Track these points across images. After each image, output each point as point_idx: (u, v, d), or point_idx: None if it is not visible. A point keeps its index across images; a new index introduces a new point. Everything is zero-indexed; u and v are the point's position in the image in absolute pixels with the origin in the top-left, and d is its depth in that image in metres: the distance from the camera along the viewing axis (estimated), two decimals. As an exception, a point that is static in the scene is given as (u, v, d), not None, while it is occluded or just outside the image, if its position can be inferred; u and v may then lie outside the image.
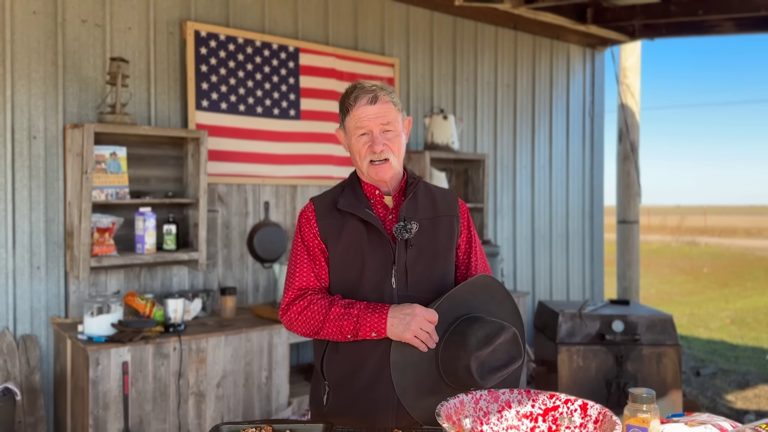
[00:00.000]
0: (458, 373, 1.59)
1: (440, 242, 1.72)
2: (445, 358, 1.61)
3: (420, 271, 1.68)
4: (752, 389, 5.18)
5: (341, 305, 1.63)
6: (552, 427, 1.50)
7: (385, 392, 1.64)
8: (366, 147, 1.68)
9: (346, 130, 1.74)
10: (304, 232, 1.72)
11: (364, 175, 1.73)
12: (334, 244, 1.69)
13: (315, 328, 1.65)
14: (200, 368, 2.94)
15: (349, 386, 1.68)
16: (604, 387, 3.34)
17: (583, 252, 5.69)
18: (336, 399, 1.70)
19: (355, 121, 1.69)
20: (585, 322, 3.41)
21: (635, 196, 5.79)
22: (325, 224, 1.70)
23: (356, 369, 1.67)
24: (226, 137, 3.56)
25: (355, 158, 1.72)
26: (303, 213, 1.75)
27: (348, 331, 1.62)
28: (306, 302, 1.67)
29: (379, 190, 1.73)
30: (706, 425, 1.40)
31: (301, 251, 1.72)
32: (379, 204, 1.73)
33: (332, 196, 1.75)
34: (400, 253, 1.66)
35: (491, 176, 4.95)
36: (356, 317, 1.60)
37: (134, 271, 3.32)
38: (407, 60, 4.44)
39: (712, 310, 9.24)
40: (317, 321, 1.65)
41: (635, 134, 5.78)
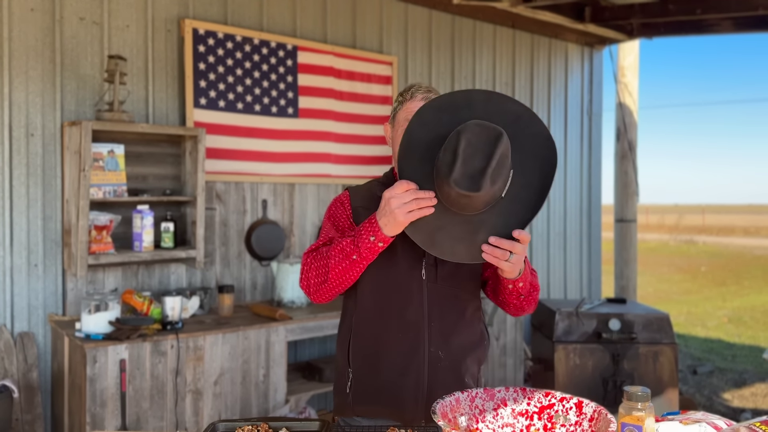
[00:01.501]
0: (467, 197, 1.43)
1: None
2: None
3: (451, 265, 1.65)
4: (749, 388, 5.20)
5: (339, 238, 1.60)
6: (547, 425, 1.51)
7: (415, 380, 1.64)
8: None
9: (394, 123, 1.72)
10: (336, 214, 1.71)
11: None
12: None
13: (323, 266, 1.59)
14: (197, 366, 2.94)
15: (375, 373, 1.67)
16: (601, 385, 3.35)
17: (581, 250, 5.70)
18: (360, 387, 1.68)
19: (406, 114, 1.66)
20: (582, 320, 3.42)
21: (633, 194, 5.79)
22: (359, 209, 1.68)
23: (382, 354, 1.66)
24: (224, 135, 3.57)
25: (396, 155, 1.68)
26: (337, 199, 1.73)
27: (350, 250, 1.55)
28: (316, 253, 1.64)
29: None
30: (701, 423, 1.41)
31: (326, 226, 1.71)
32: None
33: (369, 187, 1.74)
34: None
35: (489, 175, 4.95)
36: (353, 235, 1.57)
37: (132, 269, 3.32)
38: (405, 58, 4.44)
39: (710, 309, 9.26)
40: (324, 257, 1.59)
41: (633, 133, 5.79)
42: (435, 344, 1.66)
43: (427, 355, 1.65)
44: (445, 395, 1.47)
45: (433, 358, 1.66)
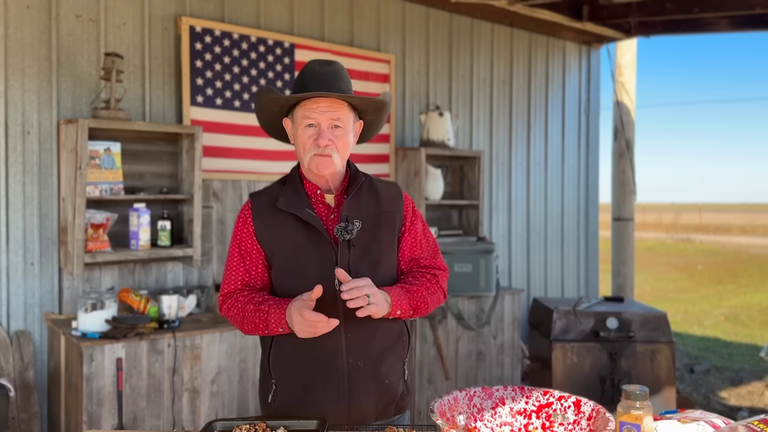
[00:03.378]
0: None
1: (383, 240, 1.68)
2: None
3: (364, 272, 1.63)
4: (746, 386, 5.21)
5: (255, 302, 1.61)
6: (545, 423, 1.51)
7: (335, 389, 1.62)
8: (311, 140, 1.62)
9: (293, 120, 1.67)
10: (239, 233, 1.69)
11: (304, 168, 1.67)
12: (272, 247, 1.65)
13: (239, 325, 1.66)
14: (195, 364, 2.93)
15: (297, 381, 1.65)
16: (598, 384, 3.36)
17: (578, 249, 5.70)
18: (283, 395, 1.66)
19: (304, 111, 1.63)
20: (579, 319, 3.42)
21: (630, 193, 5.80)
22: (262, 225, 1.66)
23: (302, 365, 1.64)
24: (221, 133, 3.55)
25: (299, 150, 1.66)
26: (240, 212, 1.71)
27: (262, 328, 1.60)
28: (231, 302, 1.67)
29: (320, 190, 1.68)
30: (698, 422, 1.41)
31: (233, 252, 1.70)
32: (321, 203, 1.68)
33: (272, 193, 1.70)
34: (342, 253, 1.62)
35: (487, 173, 4.95)
36: (266, 313, 1.58)
37: (128, 267, 3.31)
38: (403, 56, 4.43)
39: (707, 308, 9.28)
40: (237, 320, 1.65)
41: (630, 132, 5.79)
42: (353, 354, 1.63)
43: (346, 366, 1.63)
44: (442, 396, 1.46)
45: (352, 368, 1.63)
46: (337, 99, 1.63)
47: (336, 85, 1.65)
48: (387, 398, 1.69)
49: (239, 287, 1.69)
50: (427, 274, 1.75)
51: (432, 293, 1.72)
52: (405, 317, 1.67)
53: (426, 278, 1.73)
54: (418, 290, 1.68)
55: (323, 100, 1.62)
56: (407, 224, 1.76)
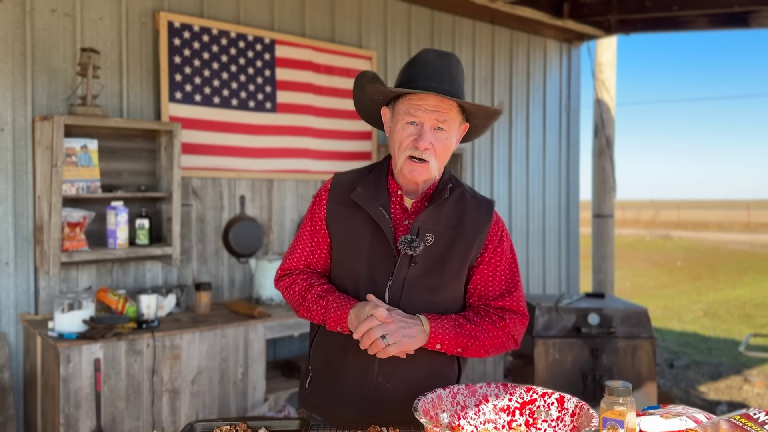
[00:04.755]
0: None
1: (452, 265, 1.53)
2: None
3: (417, 294, 1.52)
4: (724, 380, 5.28)
5: (316, 293, 1.56)
6: (529, 420, 1.50)
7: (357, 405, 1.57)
8: (410, 139, 1.48)
9: (394, 112, 1.53)
10: (313, 210, 1.63)
11: (396, 167, 1.54)
12: (337, 236, 1.58)
13: (295, 306, 1.63)
14: (174, 365, 2.89)
15: (328, 378, 1.62)
16: (580, 379, 3.37)
17: (559, 246, 5.73)
18: (316, 386, 1.64)
19: (408, 107, 1.48)
20: (561, 315, 3.43)
21: (610, 190, 5.84)
22: (334, 210, 1.58)
23: (337, 366, 1.60)
24: (200, 130, 3.51)
25: (394, 146, 1.52)
26: (321, 189, 1.64)
27: (318, 320, 1.57)
28: (291, 281, 1.63)
29: (401, 190, 1.56)
30: (681, 417, 1.41)
31: (306, 229, 1.64)
32: (399, 204, 1.56)
33: (355, 179, 1.58)
34: (401, 267, 1.51)
35: (469, 170, 4.95)
36: (324, 308, 1.54)
37: (106, 267, 3.25)
38: (385, 53, 4.41)
39: (686, 303, 9.39)
40: (294, 303, 1.62)
41: (611, 129, 5.83)
42: (384, 374, 1.55)
43: (374, 383, 1.55)
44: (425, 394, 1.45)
45: (380, 387, 1.55)
46: (446, 99, 1.46)
47: (448, 82, 1.48)
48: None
49: (301, 266, 1.64)
50: (493, 315, 1.58)
51: (491, 336, 1.55)
52: (449, 353, 1.54)
53: (490, 318, 1.57)
54: (473, 329, 1.53)
55: (432, 97, 1.46)
56: (487, 255, 1.58)
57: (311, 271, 1.64)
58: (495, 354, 1.61)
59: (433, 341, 1.51)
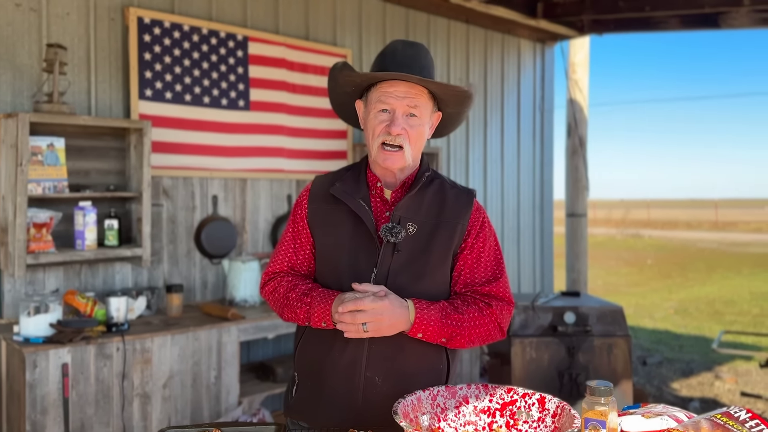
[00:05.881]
0: None
1: (435, 253, 1.53)
2: None
3: (403, 282, 1.50)
4: (696, 377, 5.35)
5: (300, 291, 1.54)
6: (510, 421, 1.48)
7: (348, 403, 1.53)
8: (382, 126, 1.49)
9: (366, 102, 1.54)
10: (295, 213, 1.63)
11: (371, 157, 1.55)
12: (319, 233, 1.57)
13: (279, 310, 1.60)
14: (145, 369, 2.82)
15: (315, 381, 1.57)
16: (557, 378, 3.37)
17: (534, 245, 5.76)
18: (302, 390, 1.59)
19: (379, 95, 1.49)
20: (538, 314, 3.43)
21: (583, 189, 5.88)
22: (315, 209, 1.58)
23: (324, 368, 1.55)
24: (171, 128, 3.43)
25: (368, 136, 1.53)
26: (302, 192, 1.65)
27: (303, 319, 1.53)
28: (275, 284, 1.61)
29: (380, 182, 1.56)
30: (662, 416, 1.40)
31: (288, 233, 1.64)
32: (379, 197, 1.56)
33: (334, 177, 1.61)
34: (384, 256, 1.50)
35: (445, 170, 4.94)
36: (309, 305, 1.51)
37: (74, 269, 3.16)
38: (360, 51, 4.37)
39: (657, 301, 9.52)
40: (278, 306, 1.59)
41: (583, 129, 5.87)
42: (372, 368, 1.52)
43: (363, 379, 1.52)
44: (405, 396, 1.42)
45: (368, 383, 1.52)
46: (416, 84, 1.47)
47: (418, 70, 1.49)
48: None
49: (284, 269, 1.62)
50: (480, 302, 1.56)
51: (479, 325, 1.54)
52: (432, 342, 1.53)
53: (477, 306, 1.55)
54: (460, 318, 1.51)
55: (401, 83, 1.47)
56: (470, 240, 1.56)
57: (295, 273, 1.62)
58: (481, 344, 1.59)
59: (415, 330, 1.50)
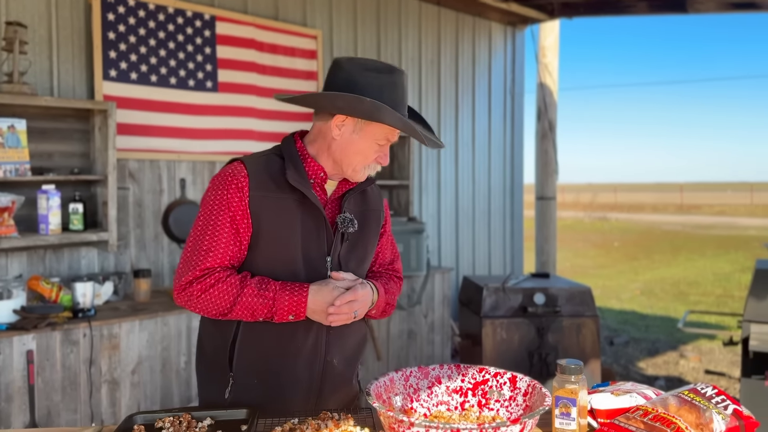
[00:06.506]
0: None
1: (369, 238, 1.62)
2: None
3: (352, 267, 1.56)
4: (661, 356, 5.48)
5: (255, 285, 1.44)
6: (482, 401, 1.49)
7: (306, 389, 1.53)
8: (375, 156, 1.52)
9: (362, 129, 1.47)
10: (233, 200, 1.45)
11: (345, 170, 1.51)
12: (266, 223, 1.47)
13: (222, 310, 1.44)
14: (113, 355, 2.77)
15: (265, 376, 1.51)
16: (527, 358, 3.42)
17: (504, 228, 5.80)
18: (242, 391, 1.51)
19: (387, 133, 1.49)
20: (508, 295, 3.47)
21: (553, 173, 5.93)
22: (259, 197, 1.46)
23: (278, 357, 1.51)
24: (136, 110, 3.36)
25: (350, 156, 1.49)
26: (233, 176, 1.46)
27: (261, 314, 1.45)
28: (213, 280, 1.44)
29: (324, 173, 1.53)
30: (631, 394, 1.42)
31: (224, 222, 1.45)
32: (319, 187, 1.54)
33: (269, 163, 1.51)
34: (336, 245, 1.53)
35: (416, 153, 4.94)
36: (272, 300, 1.43)
37: (38, 254, 3.09)
38: (330, 32, 4.32)
39: (623, 282, 9.71)
40: (226, 302, 1.44)
41: (553, 113, 5.91)
42: (331, 352, 1.55)
43: (323, 364, 1.54)
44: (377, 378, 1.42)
45: (327, 366, 1.55)
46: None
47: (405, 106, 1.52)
48: (349, 397, 1.64)
49: (226, 264, 1.46)
50: (393, 277, 1.72)
51: (395, 297, 1.71)
52: (376, 318, 1.66)
53: (393, 282, 1.70)
54: (393, 294, 1.67)
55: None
56: (386, 225, 1.71)
57: (233, 267, 1.49)
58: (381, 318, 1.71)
59: (375, 308, 1.60)
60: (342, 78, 1.46)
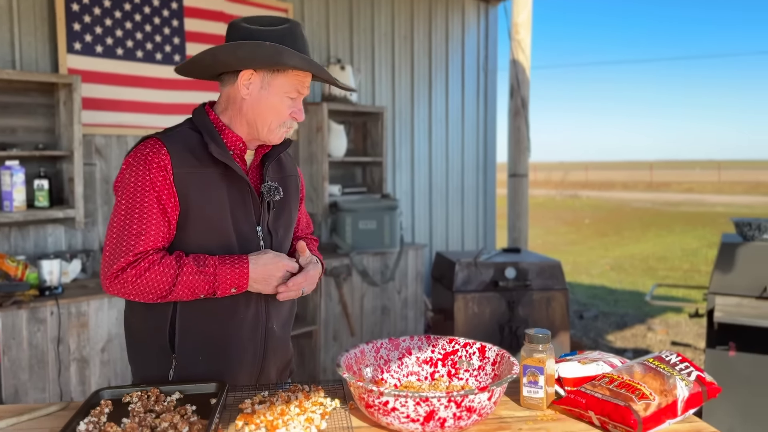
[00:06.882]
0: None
1: (292, 204, 1.63)
2: None
3: (282, 234, 1.58)
4: (630, 329, 5.60)
5: (192, 263, 1.40)
6: (451, 371, 1.50)
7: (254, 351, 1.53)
8: (289, 112, 1.48)
9: (269, 83, 1.45)
10: (157, 180, 1.39)
11: (260, 132, 1.48)
12: (195, 200, 1.43)
13: (161, 293, 1.39)
14: (82, 333, 2.74)
15: (209, 352, 1.48)
16: (498, 331, 3.46)
17: (477, 205, 5.83)
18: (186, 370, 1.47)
19: (296, 84, 1.46)
20: (480, 270, 3.50)
21: (525, 150, 5.95)
22: (183, 174, 1.41)
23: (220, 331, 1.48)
24: (103, 84, 3.28)
25: (263, 114, 1.46)
26: (153, 155, 1.40)
27: (202, 291, 1.41)
28: (147, 263, 1.38)
29: (243, 143, 1.50)
30: (598, 362, 1.45)
31: (151, 203, 1.39)
32: (239, 158, 1.51)
33: (187, 138, 1.46)
34: (264, 215, 1.53)
35: (389, 130, 4.92)
36: (213, 275, 1.39)
37: (2, 231, 3.02)
38: (302, 6, 4.25)
39: (593, 258, 9.86)
40: (165, 285, 1.38)
41: (526, 90, 5.91)
42: (271, 318, 1.55)
43: (265, 331, 1.54)
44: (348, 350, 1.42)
45: (269, 333, 1.55)
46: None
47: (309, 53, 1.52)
48: (286, 360, 1.66)
49: (159, 246, 1.41)
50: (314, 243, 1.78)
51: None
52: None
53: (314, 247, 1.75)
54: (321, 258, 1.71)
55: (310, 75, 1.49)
56: (303, 191, 1.73)
57: (164, 249, 1.44)
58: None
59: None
60: (239, 37, 1.45)
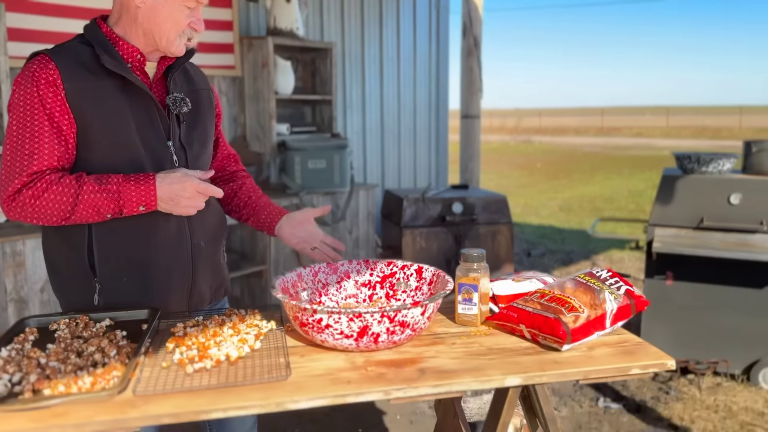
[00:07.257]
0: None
1: (207, 118, 1.57)
2: None
3: (197, 149, 1.52)
4: (575, 265, 5.76)
5: (93, 181, 1.34)
6: (389, 292, 1.51)
7: (180, 279, 1.49)
8: (187, 22, 1.42)
9: None
10: (47, 98, 1.33)
11: (159, 43, 1.41)
12: (92, 116, 1.36)
13: (63, 214, 1.34)
14: (18, 273, 2.66)
15: (134, 274, 1.44)
16: (445, 265, 3.51)
17: (429, 145, 5.83)
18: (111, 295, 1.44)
19: None
20: (428, 205, 3.52)
21: (477, 91, 5.93)
22: (76, 89, 1.34)
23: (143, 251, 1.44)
24: (31, 14, 3.09)
25: (160, 23, 1.39)
26: (41, 71, 1.33)
27: (108, 210, 1.35)
28: (44, 184, 1.32)
29: (141, 55, 1.43)
30: (531, 280, 1.48)
31: (42, 122, 1.33)
32: (138, 71, 1.44)
33: (77, 52, 1.38)
34: (174, 129, 1.47)
35: (339, 68, 4.82)
36: (116, 192, 1.34)
37: (-73, 170, 2.87)
38: (243, -65, 4.06)
39: (543, 200, 10.05)
40: (65, 204, 1.33)
41: (478, 29, 5.85)
42: (196, 234, 1.51)
43: (191, 248, 1.50)
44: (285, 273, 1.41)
45: (196, 249, 1.51)
46: None
47: None
48: (220, 279, 1.62)
49: (55, 165, 1.35)
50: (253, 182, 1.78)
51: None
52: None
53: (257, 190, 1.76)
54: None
55: None
56: (219, 109, 1.67)
57: (64, 169, 1.38)
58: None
59: None
60: None
